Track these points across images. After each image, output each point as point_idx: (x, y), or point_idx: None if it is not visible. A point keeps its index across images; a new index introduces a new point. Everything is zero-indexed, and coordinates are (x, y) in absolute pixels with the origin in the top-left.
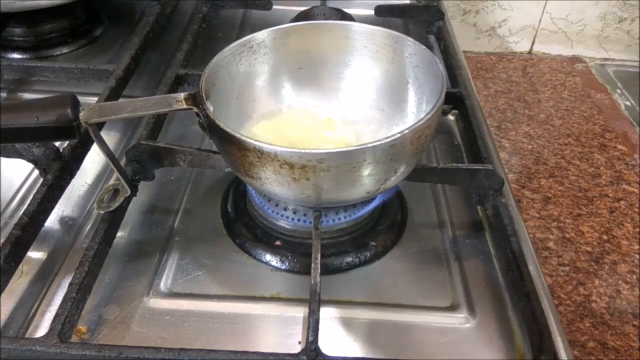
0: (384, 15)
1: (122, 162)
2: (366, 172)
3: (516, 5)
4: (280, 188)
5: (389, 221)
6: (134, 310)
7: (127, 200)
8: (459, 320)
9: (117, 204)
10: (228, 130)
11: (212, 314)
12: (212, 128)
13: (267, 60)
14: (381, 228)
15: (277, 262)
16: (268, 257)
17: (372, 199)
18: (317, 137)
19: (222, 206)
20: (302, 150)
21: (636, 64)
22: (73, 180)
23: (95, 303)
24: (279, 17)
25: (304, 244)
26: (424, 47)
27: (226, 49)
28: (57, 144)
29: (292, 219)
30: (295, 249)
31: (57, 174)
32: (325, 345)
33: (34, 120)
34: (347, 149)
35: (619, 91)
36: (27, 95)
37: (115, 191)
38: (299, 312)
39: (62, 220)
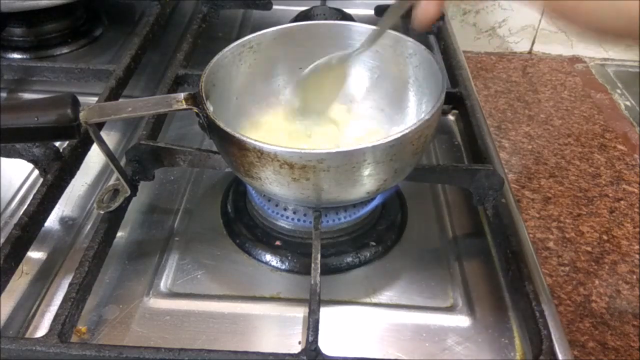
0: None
1: (122, 162)
2: (366, 172)
3: (516, 5)
4: (280, 188)
5: (389, 221)
6: (134, 310)
7: (127, 200)
8: (459, 320)
9: (117, 204)
10: (228, 130)
11: (212, 314)
12: (212, 128)
13: (267, 61)
14: (381, 228)
15: (277, 262)
16: (268, 257)
17: (372, 199)
18: (317, 137)
19: (222, 206)
20: (302, 151)
21: (636, 64)
22: (73, 180)
23: (95, 303)
24: (279, 17)
25: (304, 244)
26: (423, 47)
27: (226, 49)
28: (57, 144)
29: (292, 219)
30: (295, 249)
31: (57, 174)
32: (325, 345)
33: (34, 120)
34: (347, 149)
35: (619, 91)
36: (27, 95)
37: (115, 191)
38: (299, 312)
39: (62, 220)
